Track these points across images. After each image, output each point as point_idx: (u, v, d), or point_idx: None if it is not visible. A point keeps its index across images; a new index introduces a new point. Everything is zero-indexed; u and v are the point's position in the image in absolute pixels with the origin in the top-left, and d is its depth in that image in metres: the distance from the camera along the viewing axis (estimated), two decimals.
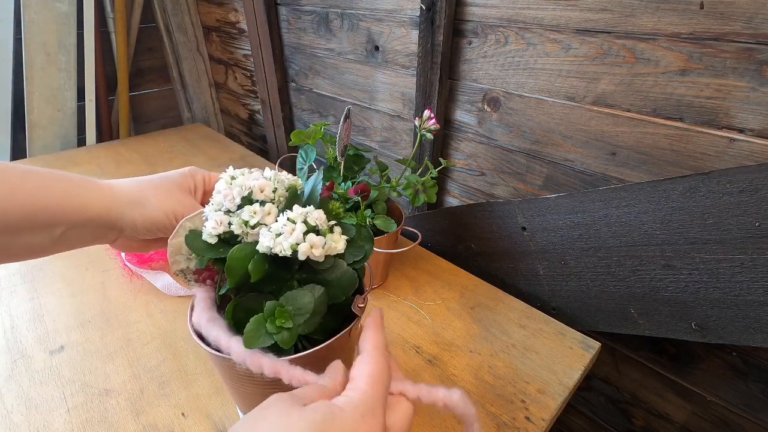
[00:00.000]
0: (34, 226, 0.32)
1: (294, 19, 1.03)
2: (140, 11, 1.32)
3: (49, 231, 0.33)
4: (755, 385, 0.59)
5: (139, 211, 0.37)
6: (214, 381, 0.55)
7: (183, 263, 0.37)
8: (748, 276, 0.50)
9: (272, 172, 0.38)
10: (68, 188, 0.34)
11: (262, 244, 0.32)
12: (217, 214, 0.34)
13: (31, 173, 0.33)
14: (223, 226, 0.34)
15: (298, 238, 0.31)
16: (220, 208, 0.35)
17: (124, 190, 0.37)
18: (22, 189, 0.32)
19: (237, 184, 0.35)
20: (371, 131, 0.97)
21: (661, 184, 0.53)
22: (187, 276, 0.37)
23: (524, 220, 0.69)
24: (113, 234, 0.37)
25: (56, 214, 0.33)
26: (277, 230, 0.32)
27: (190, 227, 0.36)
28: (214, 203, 0.36)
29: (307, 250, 0.31)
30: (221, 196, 0.35)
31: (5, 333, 0.62)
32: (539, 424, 0.51)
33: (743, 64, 0.46)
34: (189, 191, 0.40)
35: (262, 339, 0.32)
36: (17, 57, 1.15)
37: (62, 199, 0.33)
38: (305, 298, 0.33)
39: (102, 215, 0.35)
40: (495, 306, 0.68)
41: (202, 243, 0.34)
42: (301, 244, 0.31)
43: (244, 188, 0.35)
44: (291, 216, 0.33)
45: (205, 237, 0.34)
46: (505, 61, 0.66)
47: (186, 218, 0.36)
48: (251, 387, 0.39)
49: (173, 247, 0.36)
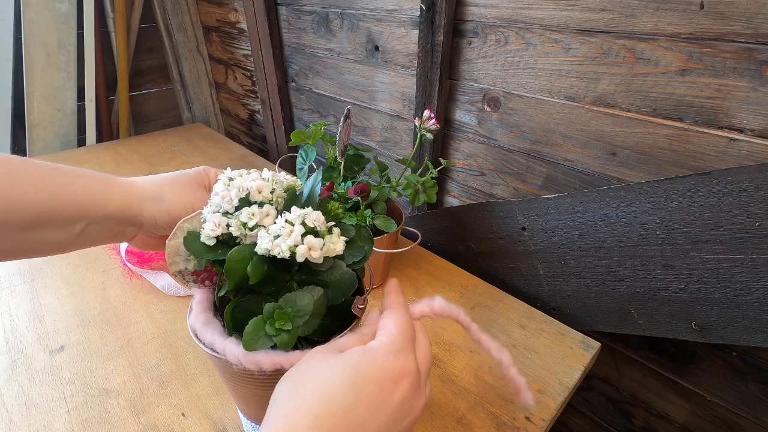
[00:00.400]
0: (56, 222, 0.33)
1: (294, 19, 1.03)
2: (140, 11, 1.32)
3: (70, 227, 0.34)
4: (755, 385, 0.59)
5: (159, 207, 0.37)
6: (214, 381, 0.55)
7: (181, 264, 0.37)
8: (748, 276, 0.50)
9: (270, 173, 0.38)
10: (89, 185, 0.34)
11: (260, 247, 0.32)
12: (215, 216, 0.34)
13: (53, 170, 0.33)
14: (221, 228, 0.34)
15: (297, 240, 0.31)
16: (218, 210, 0.35)
17: (143, 186, 0.37)
18: (44, 185, 0.32)
19: (234, 186, 0.35)
20: (371, 131, 0.97)
21: (661, 184, 0.53)
22: (186, 277, 0.37)
23: (524, 220, 0.69)
24: (132, 230, 0.38)
25: (78, 210, 0.33)
26: (275, 232, 0.32)
27: (188, 228, 0.36)
28: (212, 205, 0.35)
29: (306, 252, 0.31)
30: (219, 197, 0.35)
31: (5, 333, 0.62)
32: (539, 424, 0.51)
33: (743, 64, 0.46)
34: (204, 187, 0.41)
35: (261, 341, 0.32)
36: (17, 57, 1.15)
37: (84, 196, 0.34)
38: (304, 300, 0.33)
39: (123, 211, 0.35)
40: (495, 306, 0.68)
41: (200, 245, 0.34)
42: (299, 246, 0.31)
43: (241, 190, 0.35)
44: (289, 218, 0.32)
45: (203, 239, 0.34)
46: (505, 61, 0.66)
47: (184, 219, 0.36)
48: (251, 387, 0.39)
49: (171, 248, 0.36)
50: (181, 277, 0.37)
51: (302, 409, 0.25)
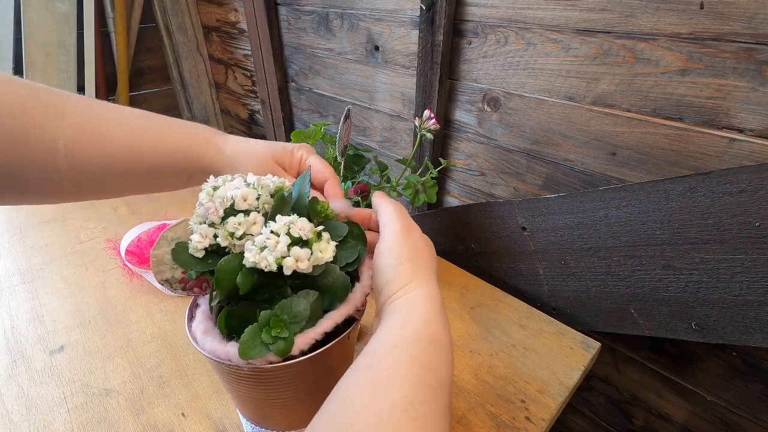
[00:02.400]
0: (171, 173, 0.41)
1: (294, 19, 1.03)
2: (140, 11, 1.32)
3: (180, 176, 0.41)
4: (755, 385, 0.59)
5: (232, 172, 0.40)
6: (214, 381, 0.55)
7: (167, 273, 0.36)
8: (748, 276, 0.50)
9: (255, 178, 0.36)
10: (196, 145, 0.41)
11: (248, 260, 0.31)
12: (201, 227, 0.33)
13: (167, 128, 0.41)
14: (208, 240, 0.33)
15: (283, 252, 0.30)
16: (205, 221, 0.34)
17: (233, 148, 0.43)
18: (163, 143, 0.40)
19: (218, 196, 0.34)
20: (371, 131, 0.97)
21: (661, 184, 0.53)
22: (173, 285, 0.37)
23: (524, 220, 0.69)
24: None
25: (186, 164, 0.41)
26: (260, 244, 0.31)
27: (172, 237, 0.36)
28: (197, 216, 0.34)
29: (293, 265, 0.31)
30: (204, 209, 0.34)
31: (5, 333, 0.62)
32: (539, 424, 0.51)
33: (743, 64, 0.46)
34: (282, 166, 0.43)
35: (257, 350, 0.31)
36: (17, 57, 1.15)
37: (188, 154, 0.41)
38: (300, 306, 0.32)
39: (211, 168, 0.42)
40: (495, 306, 0.68)
41: (188, 257, 0.33)
42: (286, 259, 0.30)
43: (225, 200, 0.34)
44: (274, 228, 0.32)
45: (191, 251, 0.33)
46: (505, 61, 0.66)
47: (168, 228, 0.36)
48: (250, 389, 0.39)
49: (156, 257, 0.35)
50: (168, 285, 0.37)
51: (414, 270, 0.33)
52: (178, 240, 0.36)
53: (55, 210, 0.93)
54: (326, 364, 0.38)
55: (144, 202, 0.95)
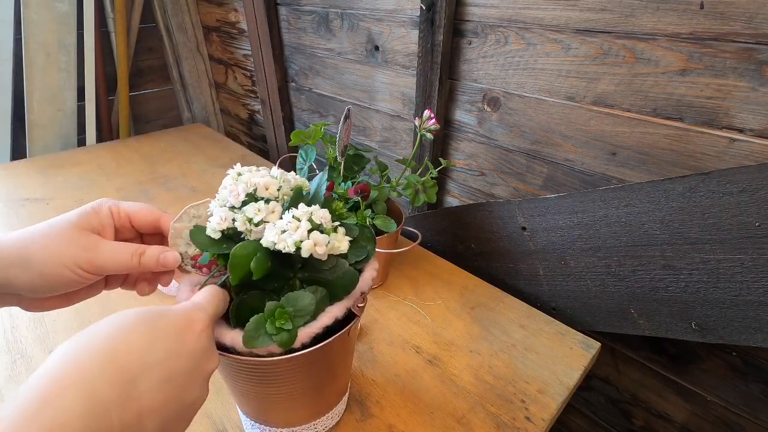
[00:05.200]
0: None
1: (294, 19, 1.03)
2: (140, 11, 1.32)
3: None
4: (755, 385, 0.59)
5: (30, 273, 0.31)
6: (214, 381, 0.55)
7: (182, 247, 0.37)
8: (748, 276, 0.50)
9: (279, 171, 0.38)
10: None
11: (267, 239, 0.32)
12: (221, 210, 0.35)
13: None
14: (227, 222, 0.34)
15: (303, 236, 0.32)
16: (225, 204, 0.35)
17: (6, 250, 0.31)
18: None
19: (243, 181, 0.35)
20: (371, 131, 0.97)
21: (661, 184, 0.53)
22: (185, 260, 0.38)
23: (524, 220, 0.69)
24: (11, 299, 0.33)
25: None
26: (282, 227, 0.32)
27: (194, 214, 0.37)
28: (219, 198, 0.36)
29: (311, 248, 0.32)
30: (227, 191, 0.35)
31: (5, 333, 0.62)
32: (539, 424, 0.51)
33: (743, 64, 0.46)
34: (93, 231, 0.34)
35: (261, 339, 0.32)
36: (17, 57, 1.15)
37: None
38: (306, 300, 0.33)
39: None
40: (495, 306, 0.68)
41: (205, 237, 0.35)
42: (304, 242, 0.31)
43: (249, 185, 0.35)
44: (296, 213, 0.33)
45: (208, 232, 0.34)
46: (505, 61, 0.66)
47: (191, 205, 0.37)
48: (251, 385, 0.39)
49: (175, 230, 0.36)
50: (180, 259, 0.38)
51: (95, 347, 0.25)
52: (199, 218, 0.37)
53: (56, 210, 0.93)
54: (326, 359, 0.39)
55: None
